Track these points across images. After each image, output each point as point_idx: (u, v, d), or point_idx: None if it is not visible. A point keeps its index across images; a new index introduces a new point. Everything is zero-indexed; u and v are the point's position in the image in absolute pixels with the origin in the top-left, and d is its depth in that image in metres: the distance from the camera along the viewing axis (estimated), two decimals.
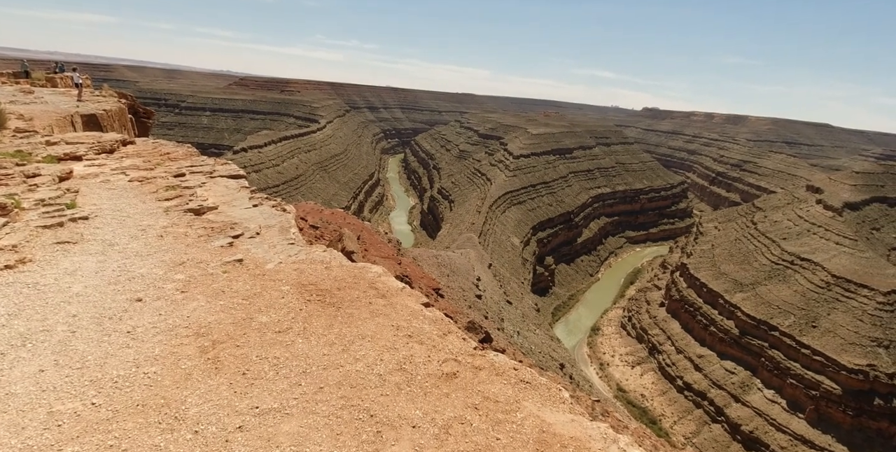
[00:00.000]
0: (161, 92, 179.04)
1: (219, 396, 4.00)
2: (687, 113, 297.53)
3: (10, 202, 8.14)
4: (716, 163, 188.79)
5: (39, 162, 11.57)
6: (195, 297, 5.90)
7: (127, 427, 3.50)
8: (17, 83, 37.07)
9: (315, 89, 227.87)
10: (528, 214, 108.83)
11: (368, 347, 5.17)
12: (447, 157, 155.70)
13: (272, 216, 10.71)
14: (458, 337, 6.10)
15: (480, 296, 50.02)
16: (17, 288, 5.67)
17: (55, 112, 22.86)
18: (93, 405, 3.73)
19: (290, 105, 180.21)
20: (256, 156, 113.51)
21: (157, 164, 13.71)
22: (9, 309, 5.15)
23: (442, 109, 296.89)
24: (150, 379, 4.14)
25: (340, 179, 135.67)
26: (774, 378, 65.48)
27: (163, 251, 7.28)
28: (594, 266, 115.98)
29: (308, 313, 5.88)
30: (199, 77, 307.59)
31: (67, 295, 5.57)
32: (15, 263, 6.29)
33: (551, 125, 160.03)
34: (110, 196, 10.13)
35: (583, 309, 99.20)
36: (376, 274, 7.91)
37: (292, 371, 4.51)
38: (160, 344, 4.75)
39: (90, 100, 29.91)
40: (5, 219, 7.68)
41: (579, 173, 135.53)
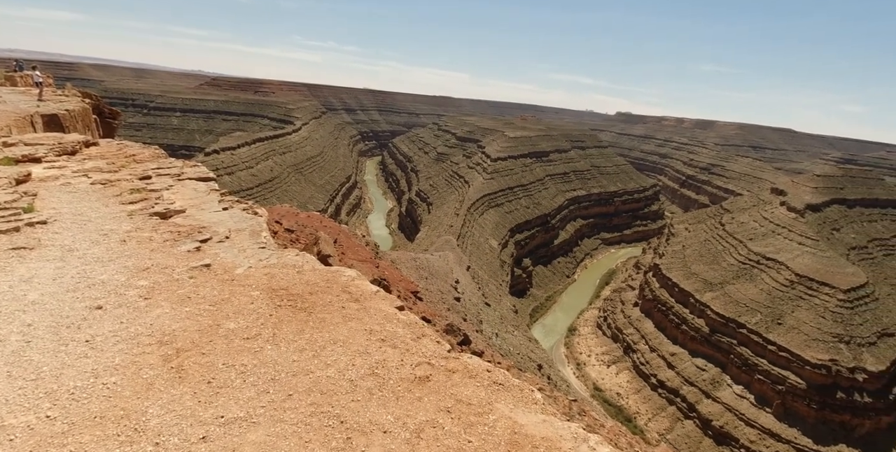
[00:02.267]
0: (129, 92, 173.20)
1: (182, 406, 3.88)
2: (659, 118, 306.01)
3: None
4: (686, 166, 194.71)
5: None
6: (159, 304, 5.72)
7: (83, 441, 3.36)
8: None
9: (290, 90, 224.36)
10: (505, 217, 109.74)
11: (340, 352, 5.11)
12: (425, 160, 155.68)
13: (243, 219, 10.48)
14: (432, 341, 6.09)
15: (459, 299, 50.09)
16: None
17: (14, 112, 21.81)
18: (47, 418, 3.56)
19: (264, 106, 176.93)
20: (229, 158, 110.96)
21: (122, 166, 13.24)
22: None
23: (420, 112, 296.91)
24: (109, 390, 3.98)
25: (317, 182, 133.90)
26: (743, 374, 67.73)
27: (125, 256, 7.03)
28: (570, 267, 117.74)
29: (278, 318, 5.77)
30: (169, 77, 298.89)
31: (23, 304, 5.31)
32: None
33: (528, 129, 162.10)
34: (71, 199, 9.73)
35: (560, 310, 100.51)
36: (350, 277, 7.83)
37: (260, 378, 4.41)
38: (121, 353, 4.58)
39: (52, 100, 28.68)
40: None
41: (555, 176, 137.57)
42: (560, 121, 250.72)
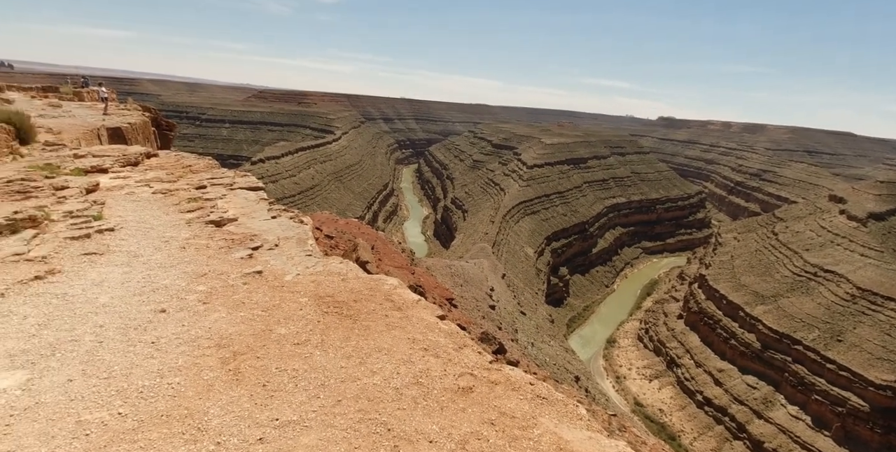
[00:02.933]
0: (183, 105, 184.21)
1: (240, 408, 4.07)
2: (703, 122, 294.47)
3: (39, 214, 8.45)
4: (734, 172, 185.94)
5: (67, 174, 11.99)
6: (216, 308, 6.03)
7: (151, 438, 3.59)
8: (45, 97, 38.53)
9: (331, 101, 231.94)
10: (542, 224, 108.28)
11: (385, 360, 5.21)
12: (461, 167, 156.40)
13: (290, 227, 10.90)
14: (473, 351, 6.10)
15: (494, 307, 49.69)
16: (46, 298, 5.87)
17: (82, 125, 23.69)
18: (119, 415, 3.83)
19: (306, 117, 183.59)
20: (273, 166, 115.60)
21: (180, 176, 14.08)
22: (39, 320, 5.33)
23: (455, 120, 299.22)
24: (173, 390, 4.24)
25: (355, 189, 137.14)
26: (798, 394, 63.31)
27: (185, 262, 7.47)
28: (610, 277, 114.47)
29: (325, 325, 5.95)
30: (219, 90, 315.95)
31: (94, 306, 5.74)
32: (44, 274, 6.52)
33: (565, 135, 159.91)
34: (135, 208, 10.44)
35: (598, 321, 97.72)
36: (392, 286, 7.97)
37: (311, 383, 4.57)
38: (183, 354, 4.86)
39: (115, 114, 30.93)
40: (35, 231, 7.97)
41: (594, 183, 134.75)
42: (598, 127, 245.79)
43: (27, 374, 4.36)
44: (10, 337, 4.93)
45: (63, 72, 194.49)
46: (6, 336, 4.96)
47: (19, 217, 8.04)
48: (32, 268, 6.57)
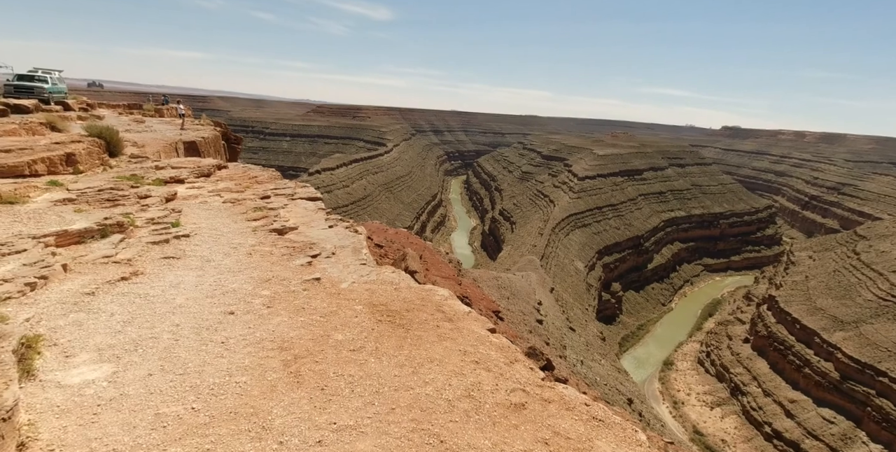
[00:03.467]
0: (249, 120, 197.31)
1: (300, 409, 4.23)
2: (773, 131, 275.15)
3: (126, 220, 9.30)
4: (809, 185, 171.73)
5: (150, 184, 13.14)
6: (279, 313, 6.34)
7: (221, 433, 3.80)
8: (130, 113, 42.57)
9: (384, 115, 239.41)
10: (593, 238, 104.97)
11: (437, 371, 5.23)
12: (509, 179, 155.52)
13: (346, 237, 11.29)
14: (524, 366, 5.99)
15: (541, 321, 48.48)
16: (130, 297, 6.41)
17: (162, 139, 25.94)
18: (192, 409, 4.09)
19: (360, 130, 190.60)
20: (329, 177, 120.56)
21: (247, 187, 15.04)
22: (124, 317, 5.83)
23: (505, 131, 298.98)
24: (240, 389, 4.47)
25: (405, 200, 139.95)
26: (883, 431, 56.37)
27: (251, 268, 7.93)
28: (667, 294, 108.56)
29: (379, 333, 6.08)
30: (281, 105, 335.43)
31: (172, 306, 6.21)
32: (129, 275, 7.14)
33: (619, 146, 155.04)
34: (207, 216, 11.25)
35: (653, 341, 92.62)
36: (443, 297, 8.03)
37: (366, 390, 4.67)
38: (249, 355, 5.14)
39: (191, 129, 33.61)
40: (122, 236, 8.78)
41: (650, 196, 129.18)
42: (654, 137, 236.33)
43: (113, 367, 4.77)
44: (98, 333, 5.43)
45: (146, 90, 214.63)
46: (95, 331, 5.47)
47: (109, 222, 8.90)
48: (119, 270, 7.23)
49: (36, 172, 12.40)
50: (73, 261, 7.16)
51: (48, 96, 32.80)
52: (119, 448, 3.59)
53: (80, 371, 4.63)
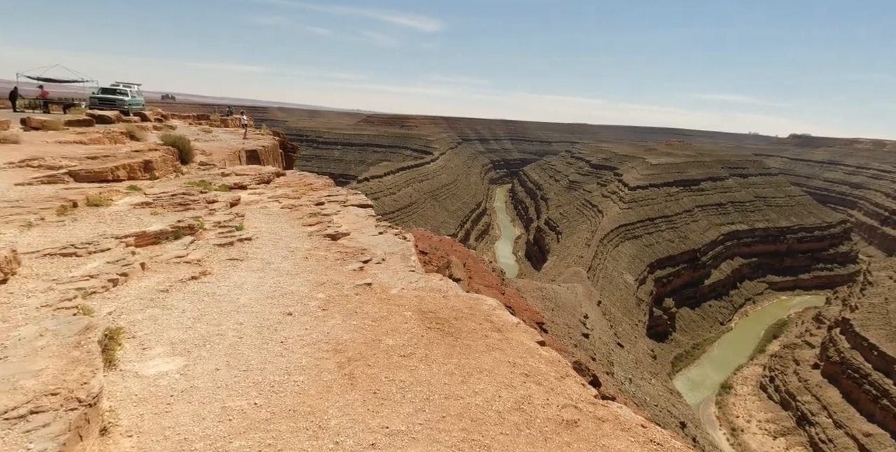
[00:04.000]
0: (304, 129, 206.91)
1: (354, 411, 4.33)
2: (848, 140, 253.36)
3: (196, 223, 9.98)
4: (889, 199, 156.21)
5: (216, 190, 14.03)
6: (333, 315, 6.56)
7: (281, 429, 3.97)
8: (199, 124, 45.86)
9: (431, 124, 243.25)
10: (644, 250, 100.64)
11: (486, 381, 5.20)
12: (556, 188, 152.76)
13: (395, 243, 11.52)
14: (576, 382, 5.82)
15: (588, 335, 46.90)
16: (200, 296, 6.86)
17: (227, 148, 27.72)
18: (255, 405, 4.30)
19: (407, 138, 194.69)
20: (376, 184, 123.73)
21: (303, 194, 15.73)
22: (194, 314, 6.24)
23: (552, 140, 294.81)
24: (298, 387, 4.66)
25: (449, 208, 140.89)
26: None
27: (307, 271, 8.27)
28: (726, 313, 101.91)
29: (429, 340, 6.13)
30: (334, 116, 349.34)
31: (236, 305, 6.58)
32: (199, 275, 7.64)
33: (674, 154, 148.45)
34: (267, 220, 11.86)
35: (710, 362, 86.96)
36: (491, 306, 7.99)
37: (417, 396, 4.72)
38: (306, 355, 5.34)
39: (252, 138, 35.68)
40: (193, 238, 9.42)
41: (708, 207, 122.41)
42: (713, 146, 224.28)
43: (184, 361, 5.10)
44: (171, 328, 5.84)
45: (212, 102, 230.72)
46: (169, 326, 5.88)
47: (181, 225, 9.59)
48: (190, 269, 7.76)
49: (118, 177, 13.60)
50: (149, 260, 7.77)
51: (128, 108, 35.99)
52: (189, 438, 3.82)
53: (155, 363, 5.00)
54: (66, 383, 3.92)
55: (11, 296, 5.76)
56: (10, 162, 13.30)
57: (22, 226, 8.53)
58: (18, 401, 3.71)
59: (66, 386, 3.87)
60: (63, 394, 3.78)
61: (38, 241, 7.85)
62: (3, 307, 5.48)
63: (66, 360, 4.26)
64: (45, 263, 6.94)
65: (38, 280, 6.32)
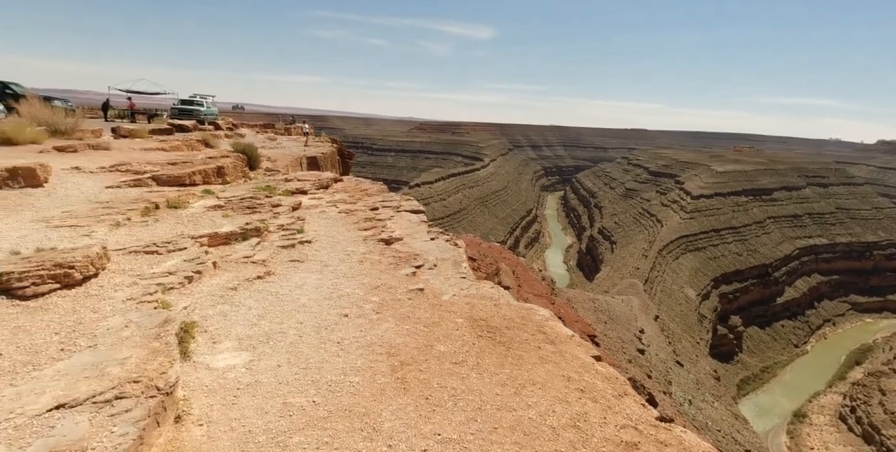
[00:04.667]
0: (359, 137, 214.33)
1: (407, 416, 4.37)
2: None
3: (262, 226, 10.55)
4: None
5: (280, 194, 14.79)
6: (386, 319, 6.68)
7: (338, 428, 4.07)
8: (265, 132, 48.73)
9: (482, 130, 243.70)
10: (707, 263, 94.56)
11: (539, 395, 5.06)
12: (611, 196, 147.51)
13: (446, 250, 11.58)
14: (635, 402, 5.53)
15: (643, 351, 44.62)
16: (264, 294, 7.23)
17: (289, 155, 29.22)
18: (313, 403, 4.44)
19: (458, 145, 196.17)
20: (427, 190, 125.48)
21: (358, 199, 16.25)
22: (259, 312, 6.58)
23: (607, 146, 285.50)
24: (353, 388, 4.77)
25: (499, 214, 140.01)
26: None
27: (362, 274, 8.50)
28: (801, 334, 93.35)
29: (480, 349, 6.08)
30: (388, 123, 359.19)
31: (296, 305, 6.87)
32: (264, 275, 8.07)
33: (743, 161, 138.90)
34: (325, 224, 12.34)
35: (781, 388, 79.81)
36: (544, 317, 7.80)
37: (468, 404, 4.68)
38: (361, 357, 5.47)
39: (313, 146, 37.40)
40: (259, 239, 9.97)
41: (781, 219, 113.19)
42: (788, 153, 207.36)
43: (249, 356, 5.38)
44: (239, 324, 6.18)
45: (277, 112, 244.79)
46: (237, 322, 6.24)
47: (249, 227, 10.19)
48: (256, 269, 8.22)
49: (194, 182, 14.70)
50: (220, 260, 8.30)
51: (203, 117, 38.97)
52: (253, 430, 4.01)
53: (223, 356, 5.31)
54: (147, 372, 4.26)
55: (101, 289, 6.36)
56: (102, 166, 14.78)
57: (111, 225, 9.43)
58: (105, 387, 4.07)
59: (146, 375, 4.20)
60: (144, 382, 4.10)
61: (125, 240, 8.64)
62: (94, 299, 6.07)
63: (147, 350, 4.64)
64: (131, 260, 7.61)
65: (125, 275, 6.94)
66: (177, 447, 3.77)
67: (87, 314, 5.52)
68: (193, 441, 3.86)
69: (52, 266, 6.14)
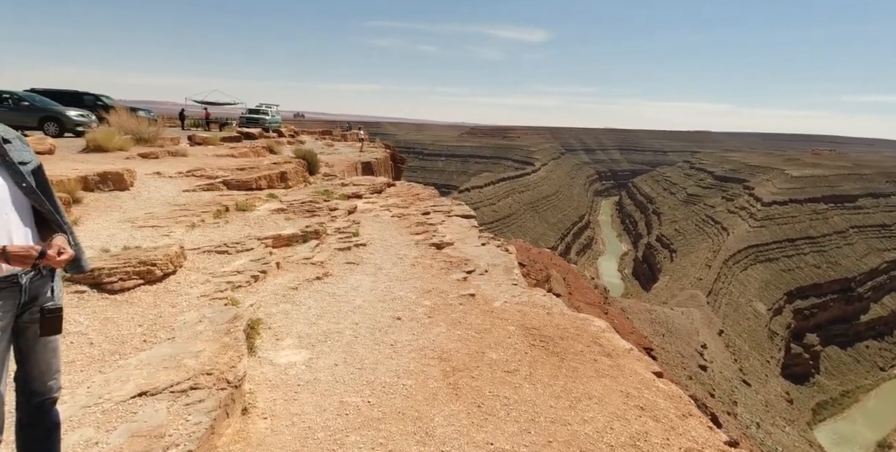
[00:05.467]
0: (411, 142, 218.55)
1: (459, 423, 4.36)
2: None
3: (321, 229, 10.99)
4: None
5: (337, 199, 15.35)
6: (438, 323, 6.72)
7: (391, 430, 4.14)
8: (323, 138, 50.87)
9: (533, 134, 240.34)
10: (780, 276, 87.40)
11: (596, 410, 4.88)
12: (671, 201, 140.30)
13: (497, 255, 11.51)
14: (701, 423, 5.18)
15: (706, 368, 41.85)
16: (322, 295, 7.51)
17: (346, 160, 30.31)
18: (368, 403, 4.55)
19: (508, 149, 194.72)
20: (476, 195, 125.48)
21: (410, 203, 16.53)
22: (318, 311, 6.84)
23: (667, 149, 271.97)
24: (406, 391, 4.83)
25: (550, 220, 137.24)
26: None
27: (414, 278, 8.63)
28: (888, 357, 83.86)
29: (532, 358, 5.96)
30: (439, 128, 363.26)
31: (352, 306, 7.08)
32: (322, 276, 8.39)
33: (822, 165, 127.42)
34: (378, 228, 12.66)
35: (863, 415, 71.92)
36: (600, 328, 7.52)
37: (521, 415, 4.59)
38: (413, 360, 5.53)
39: (367, 151, 38.57)
40: (317, 242, 10.39)
41: (867, 229, 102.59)
42: (875, 156, 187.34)
43: (309, 354, 5.60)
44: (299, 322, 6.46)
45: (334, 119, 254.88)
46: (297, 320, 6.52)
47: (309, 230, 10.65)
48: (315, 270, 8.57)
49: (260, 186, 15.60)
50: (283, 260, 8.73)
51: (268, 125, 41.35)
52: (312, 427, 4.17)
53: (285, 353, 5.56)
54: (218, 365, 4.55)
55: (178, 286, 6.89)
56: (179, 171, 16.04)
57: (187, 226, 10.20)
58: (182, 377, 4.38)
59: (218, 368, 4.49)
60: (216, 375, 4.38)
61: (199, 240, 9.32)
62: (172, 294, 6.58)
63: (219, 344, 4.96)
64: (204, 259, 8.18)
65: (199, 273, 7.47)
66: (243, 438, 3.99)
67: (166, 308, 6.00)
68: (258, 433, 4.07)
69: (137, 263, 6.74)
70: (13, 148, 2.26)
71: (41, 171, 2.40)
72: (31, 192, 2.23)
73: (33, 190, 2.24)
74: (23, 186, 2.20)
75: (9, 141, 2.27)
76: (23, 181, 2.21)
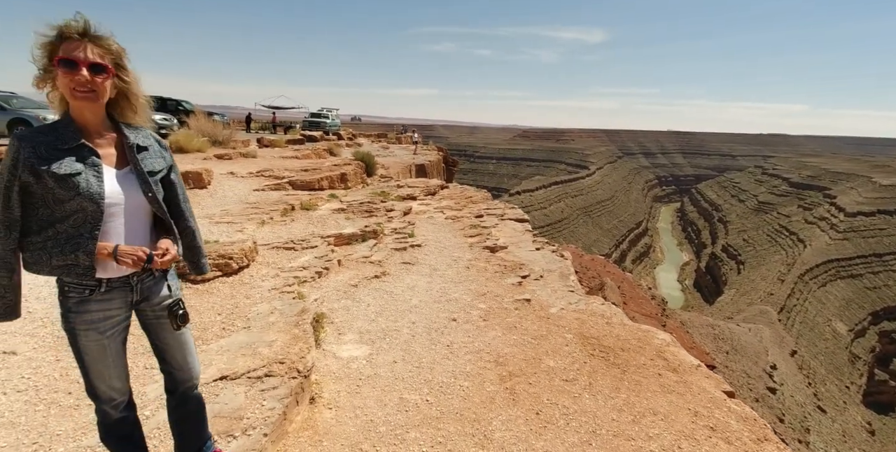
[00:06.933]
0: (462, 144, 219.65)
1: (517, 428, 4.33)
2: None
3: (378, 229, 11.32)
4: None
5: (393, 200, 15.72)
6: (493, 327, 6.71)
7: (450, 430, 4.19)
8: (379, 141, 52.25)
9: (589, 137, 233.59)
10: (864, 294, 79.10)
11: (662, 427, 4.67)
12: (739, 209, 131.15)
13: (552, 260, 11.29)
14: (778, 449, 4.81)
15: (775, 391, 38.68)
16: (380, 293, 7.73)
17: (401, 162, 30.97)
18: (427, 402, 4.63)
19: (562, 152, 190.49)
20: (528, 198, 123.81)
21: (464, 206, 16.62)
22: (376, 309, 7.05)
23: (736, 153, 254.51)
24: (464, 392, 4.86)
25: (604, 226, 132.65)
26: None
27: (469, 281, 8.67)
28: None
29: (592, 368, 5.80)
30: (492, 131, 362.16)
31: (409, 305, 7.23)
32: (380, 274, 8.63)
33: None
34: (433, 230, 12.84)
35: None
36: (664, 341, 7.18)
37: (582, 426, 4.49)
38: (469, 362, 5.56)
39: (421, 154, 39.20)
40: (375, 241, 10.71)
41: None
42: None
43: (369, 350, 5.79)
44: (359, 319, 6.69)
45: (390, 122, 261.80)
46: (357, 316, 6.76)
47: (367, 229, 11.01)
48: (373, 269, 8.84)
49: (322, 187, 16.32)
50: (344, 258, 9.09)
51: (329, 128, 43.12)
52: (374, 420, 4.30)
53: (347, 348, 5.79)
54: (290, 355, 4.82)
55: (252, 279, 7.36)
56: (250, 172, 17.12)
57: (258, 223, 10.87)
58: (258, 364, 4.69)
59: (289, 358, 4.76)
60: (287, 364, 4.65)
61: (269, 236, 9.90)
62: (246, 287, 7.04)
63: (289, 336, 5.25)
64: (273, 254, 8.69)
65: (269, 267, 7.95)
66: (311, 425, 4.20)
67: (241, 299, 6.44)
68: (324, 422, 4.27)
69: (216, 256, 7.28)
70: (147, 156, 2.36)
71: (172, 173, 2.54)
72: (155, 201, 2.35)
73: (157, 199, 2.35)
74: (148, 196, 2.32)
75: (145, 148, 2.37)
76: (149, 191, 2.32)
